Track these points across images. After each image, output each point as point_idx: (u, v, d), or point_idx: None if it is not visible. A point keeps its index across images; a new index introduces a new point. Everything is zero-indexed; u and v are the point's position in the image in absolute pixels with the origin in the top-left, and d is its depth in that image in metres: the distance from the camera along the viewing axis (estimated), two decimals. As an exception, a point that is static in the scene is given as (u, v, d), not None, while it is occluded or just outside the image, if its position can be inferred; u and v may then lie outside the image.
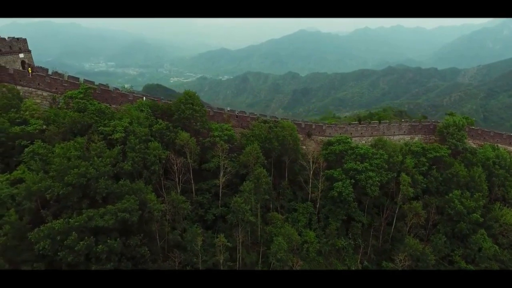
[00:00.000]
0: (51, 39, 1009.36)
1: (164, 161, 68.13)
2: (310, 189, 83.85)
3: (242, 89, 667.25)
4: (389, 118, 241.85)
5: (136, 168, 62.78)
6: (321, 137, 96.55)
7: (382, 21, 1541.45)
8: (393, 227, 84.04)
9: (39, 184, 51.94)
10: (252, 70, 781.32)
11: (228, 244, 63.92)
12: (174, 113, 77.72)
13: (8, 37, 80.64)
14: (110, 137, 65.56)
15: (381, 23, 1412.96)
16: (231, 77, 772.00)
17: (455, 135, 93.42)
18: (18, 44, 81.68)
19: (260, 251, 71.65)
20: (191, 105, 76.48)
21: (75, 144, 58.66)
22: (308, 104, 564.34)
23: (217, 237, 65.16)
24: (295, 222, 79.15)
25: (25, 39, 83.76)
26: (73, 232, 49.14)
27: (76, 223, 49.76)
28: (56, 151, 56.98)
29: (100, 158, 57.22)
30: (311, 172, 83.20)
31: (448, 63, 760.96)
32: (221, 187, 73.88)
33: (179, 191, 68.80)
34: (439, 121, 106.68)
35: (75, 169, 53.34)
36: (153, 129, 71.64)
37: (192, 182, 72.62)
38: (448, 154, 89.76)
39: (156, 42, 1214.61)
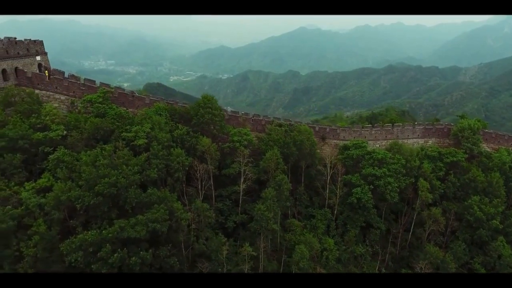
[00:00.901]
0: (50, 37, 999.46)
1: (187, 168, 67.12)
2: (327, 194, 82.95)
3: (242, 88, 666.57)
4: (394, 118, 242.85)
5: (160, 176, 61.99)
6: (335, 141, 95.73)
7: (383, 18, 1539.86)
8: (410, 233, 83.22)
9: (68, 194, 51.25)
10: (252, 68, 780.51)
11: (253, 253, 63.23)
12: (192, 117, 76.59)
13: (25, 39, 79.85)
14: (132, 143, 64.45)
15: (381, 20, 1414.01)
16: (231, 76, 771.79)
17: (470, 139, 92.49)
18: (35, 47, 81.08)
19: (282, 259, 70.91)
20: (210, 109, 75.38)
21: (103, 151, 57.67)
22: (308, 103, 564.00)
23: (239, 246, 64.42)
24: (314, 229, 78.41)
25: (42, 41, 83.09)
26: (107, 244, 48.46)
27: (109, 235, 49.08)
28: (83, 159, 56.24)
29: (129, 167, 56.35)
30: (329, 178, 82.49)
31: (449, 61, 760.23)
32: (241, 193, 73.09)
33: (201, 198, 67.94)
34: (452, 124, 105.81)
35: (105, 179, 52.56)
36: (174, 135, 70.59)
37: (213, 188, 71.80)
38: (464, 158, 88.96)
39: (156, 39, 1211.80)
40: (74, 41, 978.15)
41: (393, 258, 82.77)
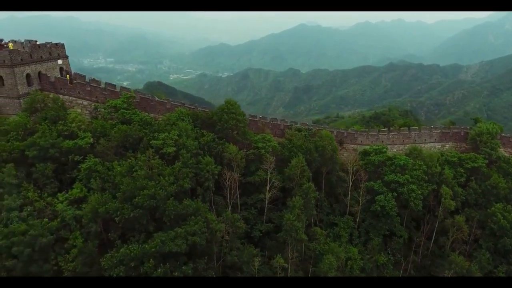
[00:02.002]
0: (49, 34, 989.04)
1: (216, 177, 66.40)
2: (349, 202, 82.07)
3: (243, 87, 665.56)
4: (396, 118, 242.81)
5: (190, 185, 61.26)
6: (352, 145, 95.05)
7: (383, 15, 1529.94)
8: (432, 241, 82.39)
9: (106, 206, 50.66)
10: (252, 66, 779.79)
11: (285, 265, 62.52)
12: (216, 123, 75.50)
13: (47, 42, 79.12)
14: (161, 151, 63.47)
15: (381, 17, 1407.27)
16: (231, 74, 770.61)
17: (489, 144, 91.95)
18: (57, 50, 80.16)
19: (308, 270, 70.12)
20: (234, 115, 74.33)
21: (138, 161, 56.92)
22: (309, 102, 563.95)
23: (266, 256, 63.53)
24: (337, 237, 77.39)
25: (63, 44, 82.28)
26: (151, 259, 47.92)
27: (152, 249, 48.42)
28: (117, 169, 55.57)
29: (165, 177, 55.60)
30: (350, 184, 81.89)
31: (450, 58, 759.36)
32: (267, 202, 72.33)
33: (229, 208, 67.28)
34: (468, 127, 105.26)
35: (144, 191, 51.91)
36: (201, 142, 69.80)
37: (238, 197, 70.99)
38: (485, 164, 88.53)
39: (155, 37, 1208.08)
40: (73, 38, 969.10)
41: (415, 267, 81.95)
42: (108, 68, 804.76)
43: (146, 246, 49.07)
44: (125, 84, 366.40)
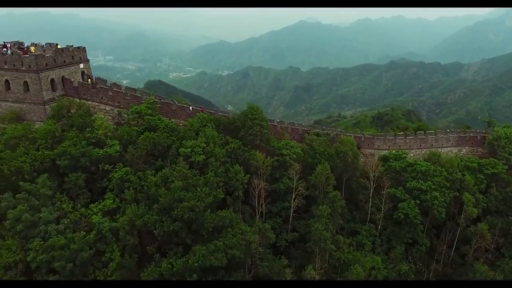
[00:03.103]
0: (48, 31, 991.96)
1: (246, 186, 65.70)
2: (370, 209, 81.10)
3: (243, 85, 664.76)
4: (399, 118, 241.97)
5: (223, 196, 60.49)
6: (369, 150, 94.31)
7: (383, 11, 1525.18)
8: (453, 249, 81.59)
9: (144, 218, 50.11)
10: (252, 64, 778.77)
11: (315, 276, 61.98)
12: (239, 129, 74.48)
13: (67, 45, 78.37)
14: (190, 159, 62.44)
15: (382, 14, 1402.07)
16: (231, 72, 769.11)
17: (507, 149, 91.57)
18: (79, 54, 79.40)
19: (335, 280, 69.21)
20: (258, 121, 73.43)
21: (174, 172, 56.22)
22: (310, 101, 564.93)
23: (294, 266, 62.75)
24: (360, 246, 76.30)
25: (85, 47, 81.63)
26: (194, 275, 47.48)
27: (194, 264, 47.88)
28: (152, 179, 54.87)
29: (202, 188, 55.01)
30: (372, 191, 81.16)
31: (450, 56, 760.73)
32: (292, 210, 71.52)
33: (257, 217, 66.60)
34: (484, 131, 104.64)
35: (184, 203, 51.28)
36: (228, 149, 69.01)
37: (263, 205, 70.02)
38: (505, 170, 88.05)
39: (155, 34, 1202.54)
40: (73, 36, 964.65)
41: (437, 276, 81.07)
42: (108, 66, 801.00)
43: (189, 260, 48.41)
44: (124, 82, 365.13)
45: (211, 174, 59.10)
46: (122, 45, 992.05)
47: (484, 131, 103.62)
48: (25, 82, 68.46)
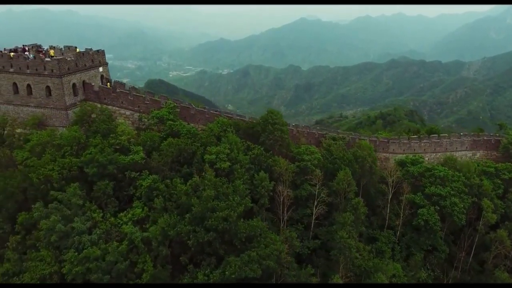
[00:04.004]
0: (48, 29, 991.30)
1: (271, 193, 65.07)
2: (388, 215, 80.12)
3: (243, 84, 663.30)
4: (401, 118, 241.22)
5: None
6: (384, 154, 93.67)
7: (383, 8, 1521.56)
8: (471, 256, 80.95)
9: (177, 229, 49.71)
10: (252, 62, 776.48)
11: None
12: (260, 134, 73.82)
13: (86, 48, 77.80)
14: (215, 166, 61.64)
15: (382, 11, 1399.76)
16: (232, 71, 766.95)
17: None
18: (98, 57, 78.97)
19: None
20: (278, 126, 72.89)
21: (205, 180, 55.80)
22: (310, 100, 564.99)
23: (319, 275, 62.29)
24: (380, 253, 75.23)
25: (103, 50, 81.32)
26: None
27: (232, 276, 47.50)
28: (182, 188, 54.39)
29: (234, 197, 54.54)
30: (390, 196, 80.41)
31: (451, 54, 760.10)
32: (314, 217, 70.75)
33: (282, 225, 65.96)
34: (498, 135, 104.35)
35: (217, 212, 50.85)
36: (251, 155, 68.49)
37: (286, 212, 68.98)
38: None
39: (154, 32, 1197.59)
40: (72, 33, 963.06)
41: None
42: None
43: (226, 272, 48.09)
44: (125, 81, 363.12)
45: (239, 182, 58.65)
46: (121, 42, 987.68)
47: (497, 134, 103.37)
48: (47, 87, 67.95)
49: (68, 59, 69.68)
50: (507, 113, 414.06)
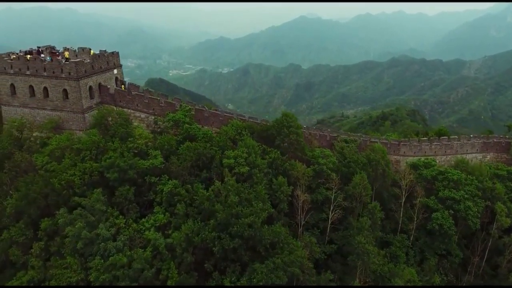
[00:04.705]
0: (47, 27, 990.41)
1: (290, 198, 64.69)
2: (401, 219, 79.35)
3: (243, 83, 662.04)
4: (404, 118, 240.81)
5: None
6: (395, 157, 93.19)
7: (384, 6, 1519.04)
8: (484, 260, 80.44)
9: (202, 235, 49.48)
10: (252, 61, 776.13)
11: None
12: (275, 137, 73.40)
13: (100, 50, 77.40)
14: (234, 170, 61.27)
15: (382, 9, 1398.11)
16: (232, 70, 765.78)
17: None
18: (113, 59, 78.39)
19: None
20: (293, 129, 72.57)
21: (227, 186, 55.49)
22: (311, 100, 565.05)
23: (336, 280, 62.13)
24: (394, 257, 74.35)
25: (118, 52, 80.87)
26: None
27: (259, 282, 47.36)
28: (204, 194, 54.06)
29: (258, 203, 54.24)
30: (403, 200, 79.65)
31: (452, 53, 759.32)
32: (329, 222, 70.12)
33: (300, 230, 65.64)
34: (507, 136, 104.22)
35: (242, 219, 50.61)
36: (268, 160, 67.97)
37: (302, 217, 68.15)
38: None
39: (154, 30, 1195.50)
40: (72, 32, 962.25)
41: (469, 288, 79.97)
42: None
43: (254, 279, 47.95)
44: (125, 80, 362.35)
45: (261, 187, 58.35)
46: (121, 41, 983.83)
47: (507, 136, 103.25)
48: (64, 90, 67.49)
49: (85, 61, 69.27)
50: (508, 113, 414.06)
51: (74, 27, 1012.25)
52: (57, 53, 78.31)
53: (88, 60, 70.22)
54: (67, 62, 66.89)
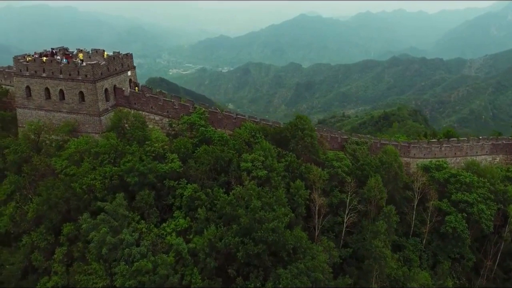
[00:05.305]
0: (47, 25, 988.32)
1: (308, 202, 64.42)
2: (413, 222, 79.17)
3: (244, 82, 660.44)
4: (406, 118, 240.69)
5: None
6: (405, 159, 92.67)
7: (384, 4, 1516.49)
8: (496, 264, 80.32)
9: (226, 240, 49.34)
10: (252, 59, 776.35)
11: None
12: (289, 140, 73.10)
13: (114, 52, 77.15)
14: (252, 174, 60.87)
15: (382, 7, 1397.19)
16: (232, 69, 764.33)
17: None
18: (127, 61, 78.33)
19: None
20: (308, 131, 72.20)
21: (249, 190, 55.23)
22: (311, 99, 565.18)
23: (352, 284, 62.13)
24: (407, 261, 74.05)
25: (131, 54, 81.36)
26: None
27: None
28: (225, 198, 53.87)
29: (281, 207, 54.07)
30: (416, 203, 79.44)
31: (452, 52, 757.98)
32: (345, 226, 69.68)
33: (317, 233, 65.39)
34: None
35: (266, 224, 50.44)
36: (284, 163, 67.65)
37: (319, 221, 67.73)
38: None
39: (154, 28, 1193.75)
40: (72, 30, 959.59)
41: (481, 291, 79.91)
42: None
43: (279, 285, 47.83)
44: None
45: (281, 191, 58.17)
46: (121, 39, 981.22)
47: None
48: (81, 92, 67.24)
49: (101, 63, 69.10)
50: (509, 112, 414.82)
51: (73, 25, 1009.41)
52: (71, 55, 78.05)
53: (104, 62, 69.97)
54: (84, 64, 66.62)
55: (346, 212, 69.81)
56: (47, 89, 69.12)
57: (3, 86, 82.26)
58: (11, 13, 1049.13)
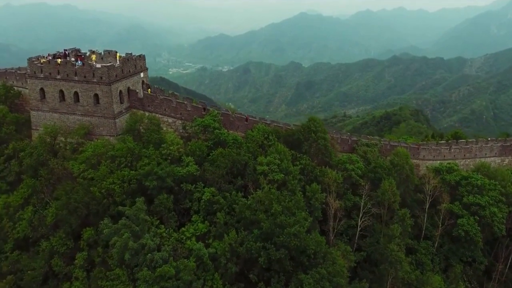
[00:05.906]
0: (46, 24, 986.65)
1: (324, 205, 64.37)
2: (424, 225, 79.02)
3: (244, 82, 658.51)
4: (407, 118, 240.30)
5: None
6: (415, 161, 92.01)
7: (384, 2, 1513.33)
8: (507, 267, 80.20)
9: (248, 245, 49.19)
10: (252, 59, 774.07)
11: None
12: (302, 142, 72.86)
13: (127, 53, 76.52)
14: (268, 177, 60.55)
15: (383, 5, 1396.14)
16: (232, 68, 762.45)
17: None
18: (140, 62, 77.55)
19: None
20: (321, 134, 72.08)
21: (270, 195, 55.05)
22: (312, 99, 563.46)
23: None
24: (419, 264, 73.91)
25: (144, 55, 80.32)
26: None
27: None
28: (245, 202, 53.68)
29: (301, 212, 53.85)
30: (427, 205, 79.16)
31: (453, 51, 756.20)
32: (358, 229, 69.52)
33: (332, 237, 65.32)
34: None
35: (288, 229, 50.20)
36: (300, 166, 67.36)
37: (335, 224, 67.62)
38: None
39: (153, 27, 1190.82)
40: (71, 29, 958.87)
41: (493, 296, 79.65)
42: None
43: None
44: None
45: (299, 195, 58.01)
46: (120, 38, 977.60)
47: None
48: (96, 95, 66.78)
49: (116, 65, 68.72)
50: (510, 112, 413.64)
51: (73, 24, 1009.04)
52: (83, 56, 77.71)
53: (118, 64, 69.60)
54: (98, 66, 66.30)
55: (360, 215, 69.63)
56: (61, 91, 68.51)
57: (15, 87, 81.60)
58: (10, 12, 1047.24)
